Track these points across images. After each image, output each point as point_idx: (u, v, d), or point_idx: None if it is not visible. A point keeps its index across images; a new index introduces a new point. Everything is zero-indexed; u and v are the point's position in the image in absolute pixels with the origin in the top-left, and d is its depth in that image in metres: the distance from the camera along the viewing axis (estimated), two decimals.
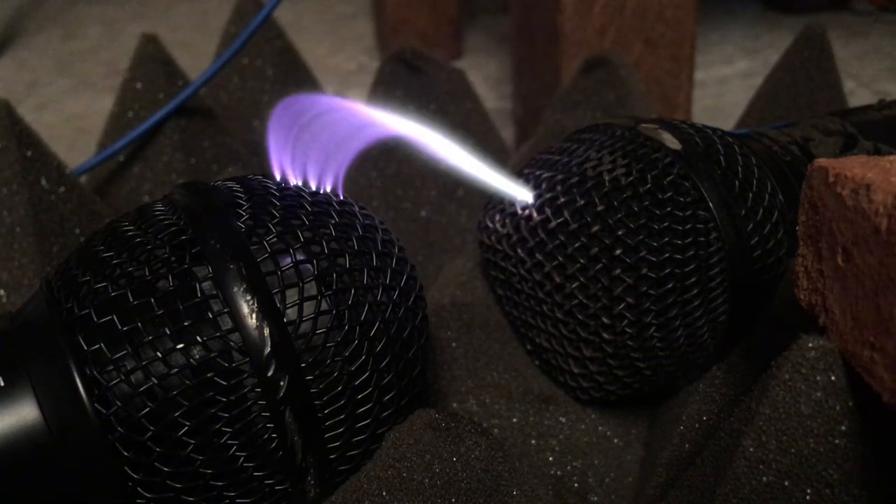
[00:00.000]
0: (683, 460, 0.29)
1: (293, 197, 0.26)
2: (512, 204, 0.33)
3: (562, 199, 0.31)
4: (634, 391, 0.32)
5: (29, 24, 0.91)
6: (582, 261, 0.30)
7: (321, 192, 0.27)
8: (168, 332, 0.22)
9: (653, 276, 0.29)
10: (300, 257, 0.24)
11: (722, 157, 0.30)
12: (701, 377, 0.31)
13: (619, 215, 0.29)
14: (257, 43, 0.53)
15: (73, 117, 0.70)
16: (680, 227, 0.29)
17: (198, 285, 0.23)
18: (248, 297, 0.23)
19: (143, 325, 0.22)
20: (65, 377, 0.22)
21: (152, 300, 0.23)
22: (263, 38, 0.53)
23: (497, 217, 0.34)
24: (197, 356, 0.22)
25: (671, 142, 0.31)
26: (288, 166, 0.27)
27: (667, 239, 0.29)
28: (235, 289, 0.23)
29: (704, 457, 0.26)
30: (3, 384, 0.23)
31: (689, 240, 0.29)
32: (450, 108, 0.49)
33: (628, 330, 0.30)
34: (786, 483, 0.23)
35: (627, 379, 0.32)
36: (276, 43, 0.54)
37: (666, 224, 0.29)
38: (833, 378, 0.22)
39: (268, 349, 0.22)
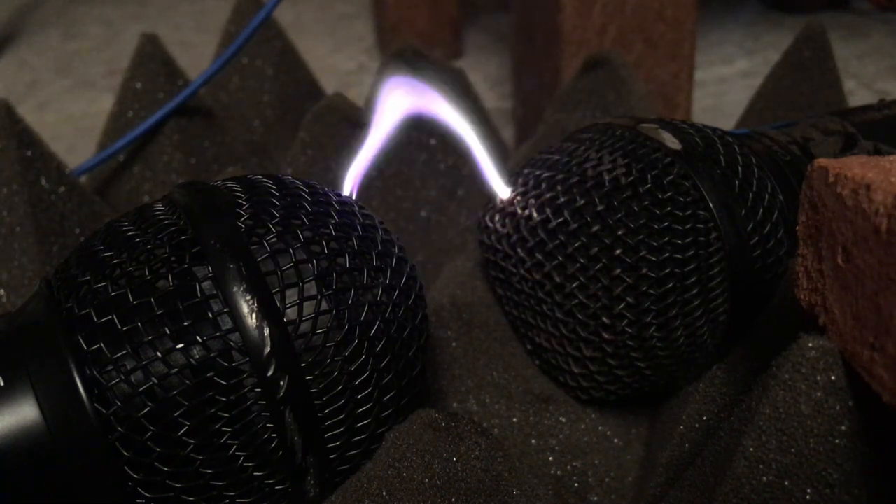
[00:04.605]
0: (683, 460, 0.29)
1: (293, 197, 0.26)
2: (512, 203, 0.33)
3: (562, 199, 0.31)
4: (634, 391, 0.32)
5: (29, 24, 0.91)
6: (582, 260, 0.30)
7: (321, 191, 0.27)
8: (168, 332, 0.22)
9: (653, 275, 0.29)
10: (300, 257, 0.24)
11: (722, 157, 0.30)
12: (701, 377, 0.31)
13: (619, 215, 0.29)
14: (257, 43, 0.53)
15: (73, 117, 0.70)
16: (680, 227, 0.29)
17: (198, 285, 0.23)
18: (248, 297, 0.23)
19: (143, 325, 0.22)
20: (65, 377, 0.22)
21: (152, 300, 0.23)
22: (263, 38, 0.53)
23: (497, 217, 0.34)
24: (197, 356, 0.22)
25: (671, 142, 0.31)
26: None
27: (667, 239, 0.29)
28: (235, 289, 0.23)
29: (704, 457, 0.26)
30: (3, 384, 0.23)
31: (689, 240, 0.29)
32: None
33: (628, 330, 0.30)
34: (786, 483, 0.23)
35: (627, 379, 0.32)
36: (276, 43, 0.54)
37: (666, 224, 0.29)
38: (833, 378, 0.22)
39: (268, 349, 0.22)
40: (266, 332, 0.23)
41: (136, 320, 0.22)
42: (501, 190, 0.33)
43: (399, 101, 0.31)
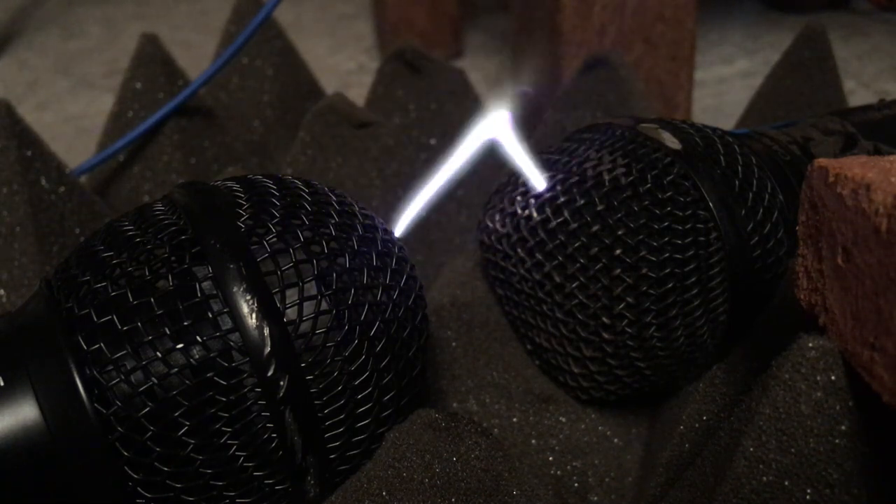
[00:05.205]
0: (683, 460, 0.29)
1: (293, 197, 0.26)
2: (512, 203, 0.33)
3: (562, 199, 0.31)
4: (634, 391, 0.32)
5: (29, 24, 0.91)
6: (582, 260, 0.30)
7: (321, 191, 0.27)
8: (168, 332, 0.22)
9: (653, 275, 0.29)
10: (300, 257, 0.24)
11: (722, 157, 0.30)
12: (701, 377, 0.31)
13: (619, 215, 0.29)
14: (257, 43, 0.53)
15: (73, 117, 0.70)
16: (680, 227, 0.29)
17: (198, 285, 0.23)
18: (248, 297, 0.23)
19: (142, 325, 0.22)
20: (65, 377, 0.22)
21: (152, 300, 0.23)
22: (263, 38, 0.53)
23: (497, 217, 0.34)
24: (197, 356, 0.22)
25: (671, 141, 0.31)
26: None
27: (667, 239, 0.29)
28: (235, 289, 0.23)
29: (704, 457, 0.26)
30: (3, 384, 0.23)
31: (689, 239, 0.29)
32: (450, 108, 0.49)
33: (628, 330, 0.30)
34: (786, 483, 0.23)
35: (627, 379, 0.32)
36: (276, 43, 0.54)
37: (666, 224, 0.29)
38: (833, 378, 0.22)
39: (268, 349, 0.22)
40: (266, 332, 0.23)
41: (136, 320, 0.22)
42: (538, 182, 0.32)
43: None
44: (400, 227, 0.30)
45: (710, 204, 0.29)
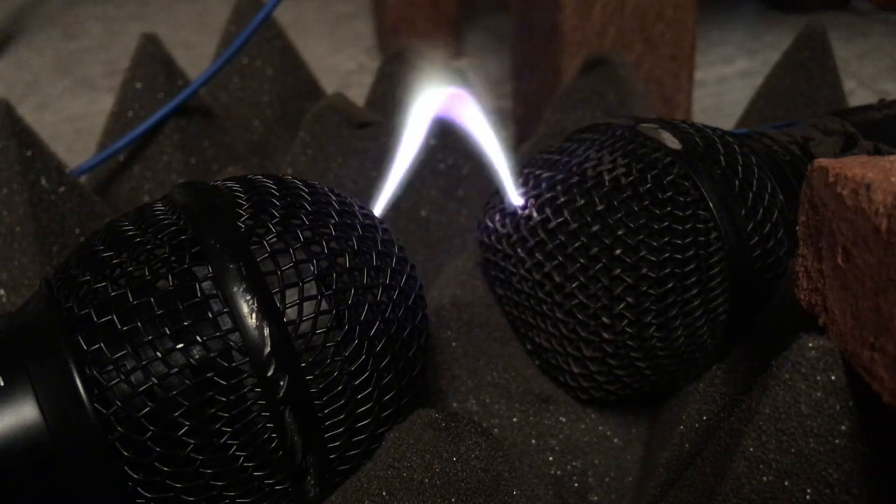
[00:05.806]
0: (683, 460, 0.29)
1: (293, 197, 0.26)
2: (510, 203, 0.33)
3: (562, 199, 0.31)
4: (634, 391, 0.32)
5: (29, 24, 0.91)
6: (582, 260, 0.30)
7: (321, 190, 0.27)
8: (168, 332, 0.22)
9: (653, 275, 0.29)
10: (300, 257, 0.24)
11: (722, 157, 0.30)
12: (701, 377, 0.31)
13: (619, 215, 0.29)
14: (257, 43, 0.53)
15: (73, 117, 0.70)
16: (680, 227, 0.29)
17: (198, 285, 0.23)
18: (248, 297, 0.23)
19: (142, 325, 0.22)
20: (65, 377, 0.22)
21: (152, 300, 0.23)
22: (263, 38, 0.53)
23: (497, 217, 0.34)
24: (197, 356, 0.22)
25: (671, 141, 0.31)
26: None
27: (667, 239, 0.29)
28: (235, 288, 0.23)
29: (704, 457, 0.26)
30: (3, 384, 0.23)
31: (689, 239, 0.29)
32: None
33: (628, 330, 0.30)
34: (786, 483, 0.23)
35: (627, 379, 0.32)
36: (276, 43, 0.54)
37: (666, 224, 0.29)
38: (833, 378, 0.22)
39: (268, 349, 0.22)
40: (266, 332, 0.23)
41: (136, 320, 0.22)
42: (515, 199, 0.33)
43: (431, 105, 0.31)
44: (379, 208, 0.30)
45: (710, 204, 0.29)
